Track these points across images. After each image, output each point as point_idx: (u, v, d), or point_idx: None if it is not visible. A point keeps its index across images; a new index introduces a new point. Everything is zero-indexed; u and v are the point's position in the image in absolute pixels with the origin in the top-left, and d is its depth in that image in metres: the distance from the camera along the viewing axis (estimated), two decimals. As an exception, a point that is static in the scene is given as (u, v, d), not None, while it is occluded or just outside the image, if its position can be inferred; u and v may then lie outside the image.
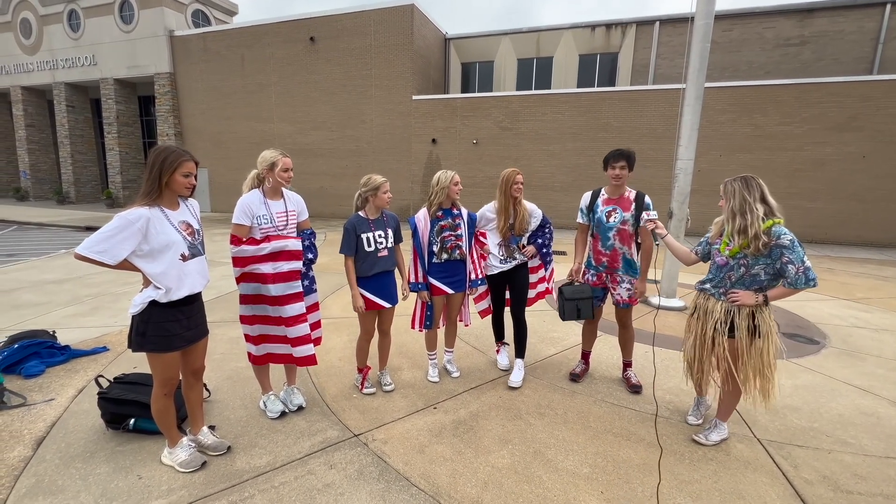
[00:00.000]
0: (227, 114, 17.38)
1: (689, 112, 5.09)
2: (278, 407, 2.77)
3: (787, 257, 2.16)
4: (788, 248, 2.15)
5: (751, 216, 2.19)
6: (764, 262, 2.24)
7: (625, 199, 3.01)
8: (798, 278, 2.14)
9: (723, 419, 2.57)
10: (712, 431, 2.55)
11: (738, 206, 2.23)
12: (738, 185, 2.27)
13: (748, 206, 2.21)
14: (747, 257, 2.25)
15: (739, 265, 2.29)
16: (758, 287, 2.29)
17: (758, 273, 2.26)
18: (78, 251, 1.88)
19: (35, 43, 20.24)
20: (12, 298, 5.39)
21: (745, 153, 11.87)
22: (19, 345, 3.34)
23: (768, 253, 2.20)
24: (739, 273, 2.31)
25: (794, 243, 2.16)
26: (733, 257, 2.30)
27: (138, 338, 2.04)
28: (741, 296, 2.29)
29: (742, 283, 2.31)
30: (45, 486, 2.12)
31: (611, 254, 3.04)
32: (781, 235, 2.17)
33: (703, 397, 2.79)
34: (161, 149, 2.04)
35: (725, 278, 2.37)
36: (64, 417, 2.72)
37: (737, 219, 2.23)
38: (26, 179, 22.12)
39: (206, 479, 2.18)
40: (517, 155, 13.80)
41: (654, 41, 14.84)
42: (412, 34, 14.37)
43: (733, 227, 2.25)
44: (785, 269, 2.17)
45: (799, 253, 2.15)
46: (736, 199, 2.25)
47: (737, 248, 2.25)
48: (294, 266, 2.55)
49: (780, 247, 2.16)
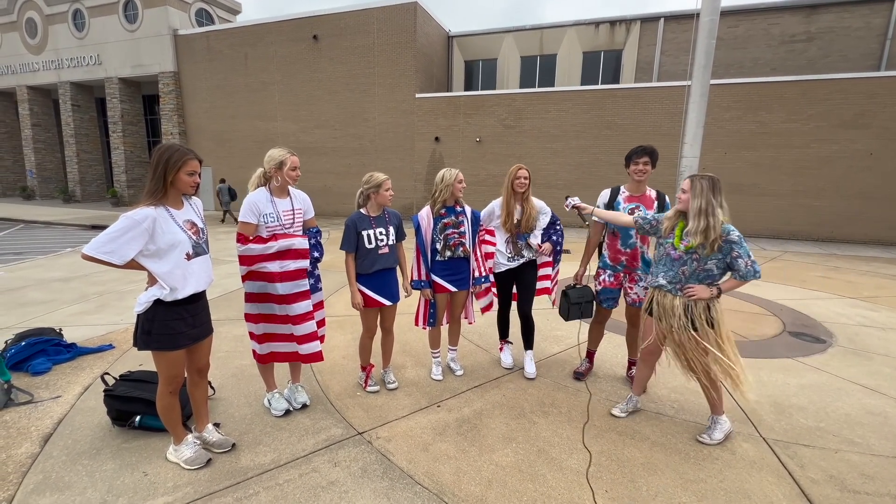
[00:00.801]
0: (230, 112, 17.42)
1: (694, 109, 5.06)
2: (282, 405, 2.78)
3: (736, 252, 2.30)
4: (737, 244, 2.30)
5: (713, 219, 2.30)
6: (716, 258, 2.36)
7: (647, 198, 3.00)
8: (748, 271, 2.30)
9: (718, 413, 2.57)
10: (713, 430, 2.56)
11: (705, 206, 2.32)
12: (707, 184, 2.35)
13: (712, 208, 2.31)
14: (701, 254, 2.37)
15: (692, 259, 2.41)
16: (710, 281, 2.41)
17: (710, 268, 2.39)
18: (85, 251, 1.88)
19: (40, 42, 20.35)
20: (19, 296, 5.44)
21: (750, 151, 11.79)
22: (27, 342, 3.37)
23: (719, 249, 2.32)
24: (692, 268, 2.41)
25: (741, 239, 2.32)
26: (687, 252, 2.40)
27: (144, 336, 2.05)
28: (697, 290, 2.39)
29: (696, 278, 2.42)
30: (53, 482, 2.13)
31: (631, 252, 3.02)
32: (730, 232, 2.31)
33: (639, 396, 2.87)
34: (165, 147, 2.03)
35: (679, 273, 2.46)
36: (70, 414, 2.74)
37: (701, 219, 2.32)
38: (32, 178, 22.28)
39: (211, 476, 2.19)
40: (520, 153, 13.76)
41: (659, 38, 14.75)
42: (415, 32, 14.34)
43: (696, 226, 2.33)
44: (735, 262, 2.32)
45: (745, 248, 2.31)
46: (703, 199, 2.33)
47: (692, 244, 2.37)
48: (301, 264, 2.56)
49: (729, 242, 2.31)
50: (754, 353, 3.88)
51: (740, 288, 6.20)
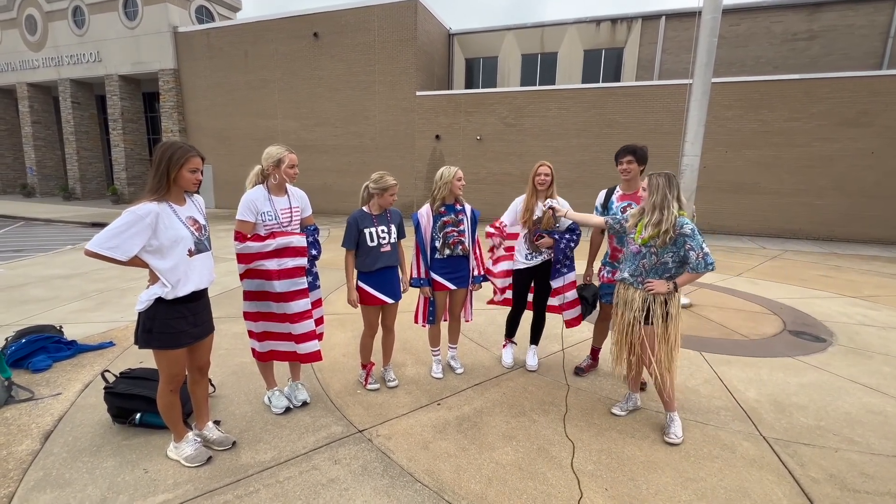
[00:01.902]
0: (230, 110, 17.39)
1: (696, 108, 5.04)
2: (283, 402, 2.78)
3: (689, 244, 2.37)
4: (689, 237, 2.36)
5: (667, 212, 2.39)
6: (671, 251, 2.44)
7: (640, 195, 2.99)
8: (698, 263, 2.35)
9: (672, 409, 2.61)
10: (674, 426, 2.57)
11: (660, 201, 2.41)
12: (663, 181, 2.43)
13: (667, 203, 2.40)
14: (655, 246, 2.45)
15: (650, 253, 2.49)
16: (668, 275, 2.49)
17: (666, 261, 2.47)
18: (89, 248, 1.87)
19: (40, 39, 20.30)
20: (20, 293, 5.44)
21: (751, 149, 11.76)
22: (27, 339, 3.37)
23: (673, 242, 2.40)
24: (651, 261, 2.50)
25: (695, 232, 2.37)
26: (644, 245, 2.49)
27: (145, 335, 2.04)
28: (655, 285, 2.47)
29: (655, 272, 2.50)
30: (53, 479, 2.14)
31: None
32: (684, 225, 2.38)
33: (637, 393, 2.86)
34: (168, 144, 2.03)
35: (640, 266, 2.54)
36: (71, 411, 2.74)
37: (655, 213, 2.42)
38: (32, 176, 22.26)
39: (212, 473, 2.19)
40: (521, 151, 13.74)
41: (660, 36, 14.70)
42: (416, 29, 14.30)
43: (650, 220, 2.43)
44: (688, 255, 2.39)
45: (698, 240, 2.36)
46: (659, 195, 2.42)
47: (647, 237, 2.46)
48: (299, 262, 2.55)
49: (682, 235, 2.38)
50: (754, 351, 3.88)
51: (743, 287, 6.18)
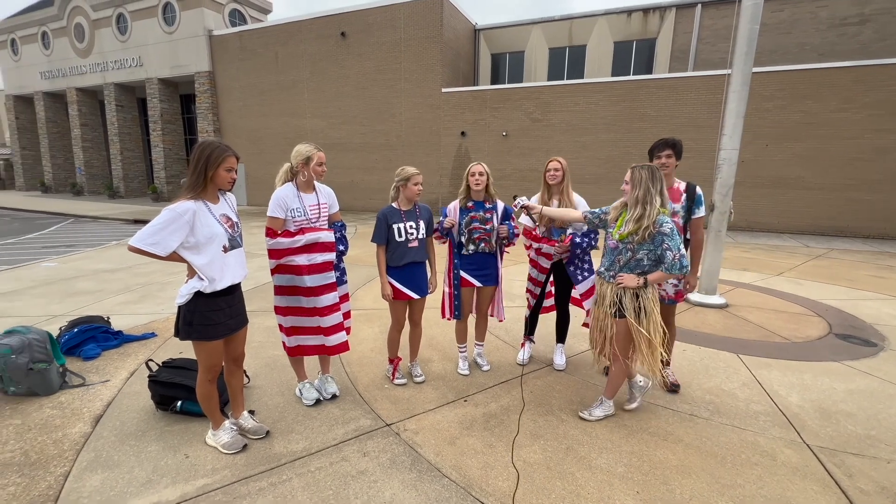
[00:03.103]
0: (262, 110, 17.91)
1: (735, 99, 4.82)
2: (313, 395, 2.85)
3: (666, 244, 2.33)
4: (668, 236, 2.32)
5: (650, 208, 2.34)
6: (647, 248, 2.39)
7: (674, 191, 2.90)
8: (674, 264, 2.32)
9: (608, 396, 2.70)
10: (596, 407, 2.68)
11: (643, 195, 2.36)
12: (646, 174, 2.37)
13: (650, 197, 2.34)
14: (633, 243, 2.40)
15: (627, 249, 2.45)
16: (641, 271, 2.45)
17: (642, 258, 2.43)
18: (132, 243, 1.97)
19: (87, 46, 21.49)
20: (71, 286, 5.80)
21: (794, 142, 11.15)
22: (79, 329, 3.59)
23: (651, 239, 2.36)
24: (627, 257, 2.46)
25: (674, 232, 2.33)
26: (622, 241, 2.45)
27: (186, 327, 2.14)
28: (625, 278, 2.45)
29: (629, 268, 2.47)
30: (103, 460, 2.27)
31: None
32: (663, 224, 2.33)
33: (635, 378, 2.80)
34: (206, 144, 2.11)
35: (615, 262, 2.51)
36: (118, 398, 2.91)
37: (638, 207, 2.37)
38: (81, 175, 23.68)
39: (247, 461, 2.28)
40: (548, 147, 13.52)
41: (696, 25, 14.11)
42: (441, 26, 14.28)
43: (632, 215, 2.39)
44: (664, 254, 2.35)
45: (676, 241, 2.32)
46: (641, 189, 2.36)
47: (626, 233, 2.41)
48: (328, 257, 2.61)
49: (661, 234, 2.33)
50: (797, 355, 3.69)
51: (784, 288, 5.89)
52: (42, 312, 4.68)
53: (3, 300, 5.12)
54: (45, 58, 23.07)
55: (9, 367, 2.80)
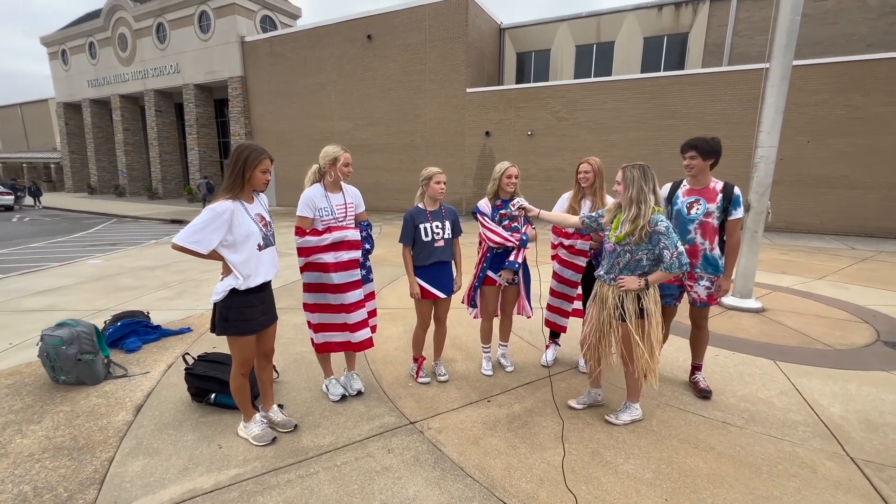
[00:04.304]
0: (291, 113, 18.40)
1: (774, 94, 4.61)
2: (339, 390, 2.92)
3: (663, 243, 2.29)
4: (664, 235, 2.28)
5: (644, 207, 2.30)
6: (645, 248, 2.36)
7: (710, 190, 2.78)
8: (672, 263, 2.28)
9: (633, 400, 2.65)
10: (623, 412, 2.65)
11: (636, 194, 2.32)
12: (638, 173, 2.34)
13: (644, 196, 2.31)
14: (631, 244, 2.36)
15: (625, 251, 2.41)
16: (641, 272, 2.41)
17: (641, 258, 2.38)
18: (175, 241, 2.07)
19: (130, 55, 22.66)
20: (114, 282, 6.13)
21: (837, 138, 10.55)
22: (121, 323, 3.79)
23: (648, 239, 2.32)
24: (626, 259, 2.42)
25: (669, 230, 2.30)
26: (619, 243, 2.41)
27: (222, 322, 2.22)
28: (626, 281, 2.41)
29: (629, 269, 2.43)
30: (144, 447, 2.40)
31: (689, 249, 2.82)
32: (659, 222, 2.29)
33: (597, 388, 2.80)
34: (244, 146, 2.20)
35: (614, 265, 2.47)
36: (157, 389, 3.06)
37: (633, 208, 2.33)
38: (123, 177, 25.00)
39: (276, 453, 2.35)
40: (574, 146, 13.31)
41: (732, 17, 13.57)
42: (466, 26, 14.29)
43: (627, 216, 2.35)
44: (662, 253, 2.31)
45: (673, 239, 2.29)
46: (634, 188, 2.33)
47: (622, 235, 2.37)
48: (353, 255, 2.68)
49: (657, 233, 2.29)
50: (840, 363, 3.50)
51: (826, 292, 5.60)
52: (89, 307, 4.97)
53: (54, 295, 5.47)
54: (92, 67, 24.49)
55: (59, 357, 2.99)
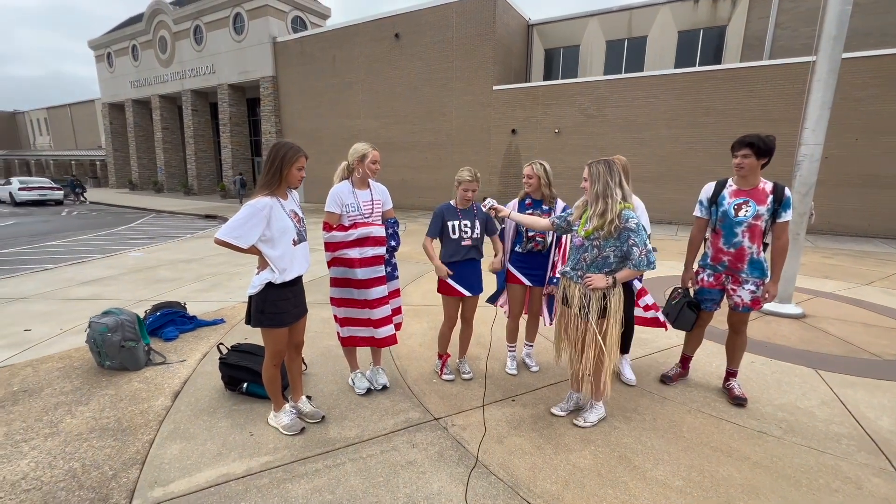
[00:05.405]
0: (319, 112, 18.77)
1: (821, 88, 4.37)
2: (364, 384, 2.97)
3: (633, 240, 2.27)
4: (634, 232, 2.26)
5: (611, 201, 2.29)
6: (613, 245, 2.34)
7: (760, 191, 2.65)
8: (641, 260, 2.26)
9: (596, 399, 2.62)
10: (590, 413, 2.61)
11: (602, 190, 2.31)
12: (603, 168, 2.33)
13: (610, 191, 2.30)
14: (599, 239, 2.35)
15: (592, 246, 2.39)
16: (608, 269, 2.38)
17: (608, 255, 2.36)
18: (218, 237, 2.15)
19: (169, 57, 23.65)
20: (153, 274, 6.43)
21: (890, 135, 9.91)
22: (160, 313, 3.98)
23: (617, 235, 2.30)
24: (593, 255, 2.40)
25: (640, 227, 2.27)
26: (587, 238, 2.39)
27: (258, 315, 2.30)
28: (594, 279, 2.38)
29: (595, 266, 2.41)
30: (181, 432, 2.51)
31: (735, 252, 2.71)
32: (629, 219, 2.26)
33: (579, 392, 2.74)
34: (281, 144, 2.26)
35: (581, 260, 2.45)
36: (193, 377, 3.19)
37: (599, 202, 2.32)
38: (162, 174, 26.16)
39: (305, 443, 2.42)
40: (602, 144, 13.02)
41: (774, 9, 12.94)
42: (494, 23, 14.18)
43: (595, 210, 2.34)
44: (631, 251, 2.29)
45: (643, 236, 2.26)
46: (600, 183, 2.32)
47: (591, 229, 2.36)
48: (378, 251, 2.71)
49: (627, 230, 2.27)
50: (889, 374, 3.29)
51: (874, 298, 5.28)
52: (131, 297, 5.23)
53: (99, 285, 5.79)
54: (134, 69, 25.72)
55: (105, 343, 3.17)
